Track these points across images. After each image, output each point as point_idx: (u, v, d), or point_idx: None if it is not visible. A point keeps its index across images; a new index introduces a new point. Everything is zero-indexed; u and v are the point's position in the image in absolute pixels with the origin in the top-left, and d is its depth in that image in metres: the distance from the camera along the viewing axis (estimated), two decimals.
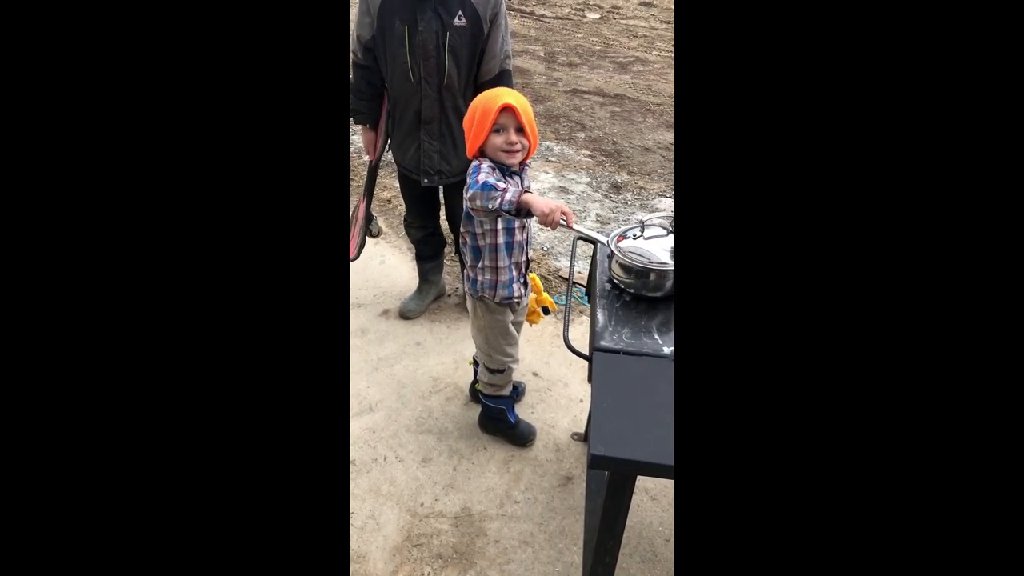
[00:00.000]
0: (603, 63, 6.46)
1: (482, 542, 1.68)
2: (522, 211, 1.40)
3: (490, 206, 1.40)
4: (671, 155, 4.30)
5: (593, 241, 1.47)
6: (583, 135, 4.57)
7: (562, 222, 1.36)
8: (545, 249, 3.08)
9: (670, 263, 1.34)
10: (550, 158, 4.16)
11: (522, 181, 1.65)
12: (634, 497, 1.82)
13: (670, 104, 5.29)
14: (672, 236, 1.41)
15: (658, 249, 1.36)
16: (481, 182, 1.43)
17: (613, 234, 1.44)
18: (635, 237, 1.40)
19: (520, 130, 1.55)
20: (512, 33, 2.07)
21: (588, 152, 4.29)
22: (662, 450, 0.98)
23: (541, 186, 3.76)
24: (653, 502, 1.81)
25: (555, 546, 1.68)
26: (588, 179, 3.90)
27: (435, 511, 1.76)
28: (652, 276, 1.35)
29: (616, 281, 1.40)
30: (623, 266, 1.36)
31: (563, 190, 3.74)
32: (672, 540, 1.70)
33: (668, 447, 0.99)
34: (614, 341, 1.22)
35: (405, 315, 2.53)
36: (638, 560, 1.65)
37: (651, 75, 6.13)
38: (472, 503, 1.79)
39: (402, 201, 2.48)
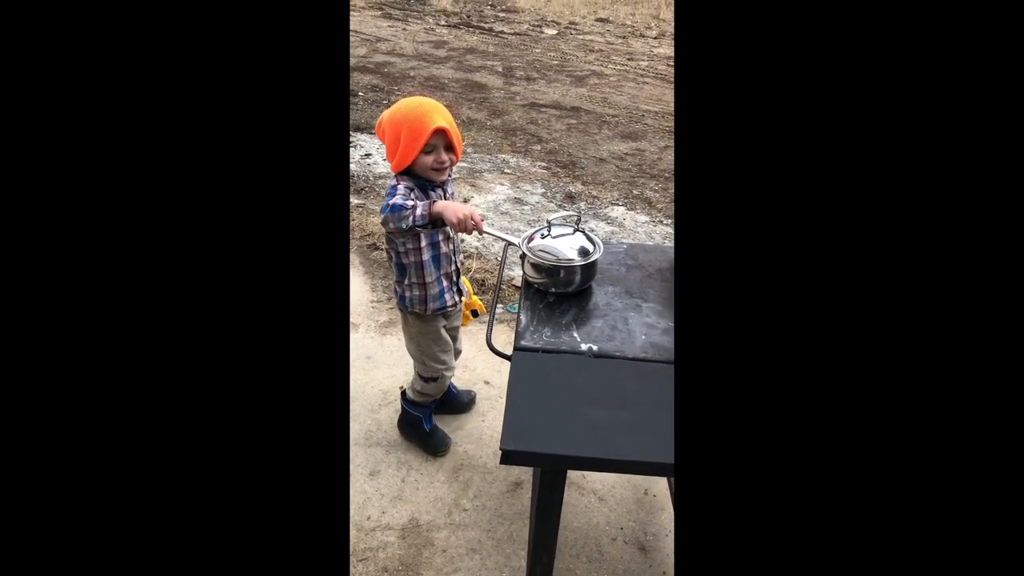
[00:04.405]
0: (560, 77, 6.55)
1: (429, 552, 1.67)
2: (436, 221, 1.43)
3: (403, 225, 1.45)
4: (624, 164, 4.37)
5: (506, 242, 1.53)
6: (539, 147, 4.63)
7: (475, 228, 1.43)
8: (500, 259, 3.10)
9: (577, 260, 1.40)
10: (506, 170, 4.20)
11: (446, 192, 1.68)
12: (581, 498, 1.84)
13: (625, 115, 5.39)
14: (579, 234, 1.46)
15: (565, 247, 1.42)
16: (390, 205, 1.47)
17: (524, 235, 1.49)
18: (543, 236, 1.45)
19: (448, 147, 1.58)
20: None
21: (544, 164, 4.34)
22: (577, 442, 1.00)
23: (496, 198, 3.80)
24: (600, 503, 1.82)
25: (502, 551, 1.68)
26: (543, 190, 3.94)
27: (382, 524, 1.75)
28: (561, 273, 1.40)
29: (529, 280, 1.45)
30: (534, 265, 1.42)
31: (518, 201, 3.77)
32: (618, 539, 1.72)
33: (583, 439, 1.01)
34: (534, 340, 1.24)
35: None
36: (584, 560, 1.66)
37: (607, 87, 6.24)
38: (420, 513, 1.78)
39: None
